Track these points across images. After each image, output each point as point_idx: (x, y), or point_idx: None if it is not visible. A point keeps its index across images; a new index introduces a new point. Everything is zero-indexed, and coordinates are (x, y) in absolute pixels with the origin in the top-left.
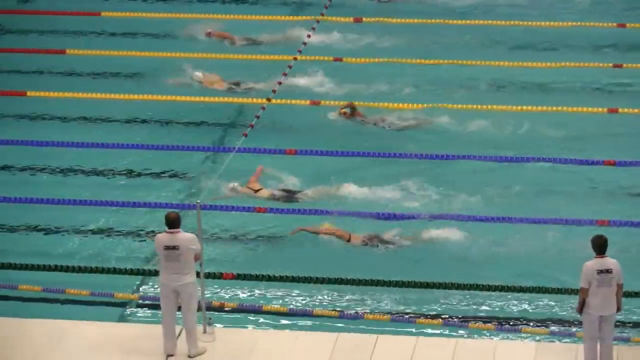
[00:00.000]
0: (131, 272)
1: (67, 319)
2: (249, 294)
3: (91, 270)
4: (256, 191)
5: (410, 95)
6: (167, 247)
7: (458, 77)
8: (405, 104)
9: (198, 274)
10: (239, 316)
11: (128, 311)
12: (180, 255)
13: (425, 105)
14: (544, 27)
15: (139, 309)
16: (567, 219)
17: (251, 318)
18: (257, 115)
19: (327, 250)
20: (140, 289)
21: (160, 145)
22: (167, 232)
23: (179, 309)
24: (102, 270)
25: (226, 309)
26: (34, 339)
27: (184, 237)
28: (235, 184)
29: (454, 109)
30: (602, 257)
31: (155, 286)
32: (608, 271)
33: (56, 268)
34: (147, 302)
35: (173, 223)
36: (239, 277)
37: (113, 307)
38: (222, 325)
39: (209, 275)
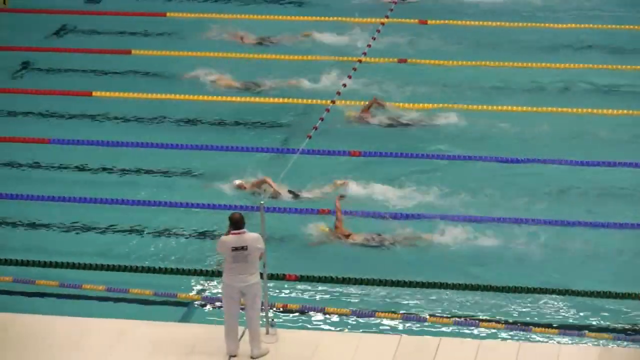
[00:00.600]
0: (194, 272)
1: (130, 319)
2: (310, 294)
3: (154, 271)
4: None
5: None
6: (235, 248)
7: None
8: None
9: (261, 275)
10: (302, 317)
11: (190, 311)
12: (248, 255)
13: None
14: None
15: (202, 309)
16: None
17: (313, 319)
18: (321, 118)
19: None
20: (203, 289)
21: (223, 146)
22: (233, 233)
23: (243, 309)
24: (165, 271)
25: (288, 310)
26: (96, 338)
27: (251, 237)
28: (241, 181)
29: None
30: None
31: (218, 286)
32: None
33: (119, 268)
34: (209, 302)
35: (238, 224)
36: (301, 278)
37: (176, 307)
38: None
39: (272, 276)
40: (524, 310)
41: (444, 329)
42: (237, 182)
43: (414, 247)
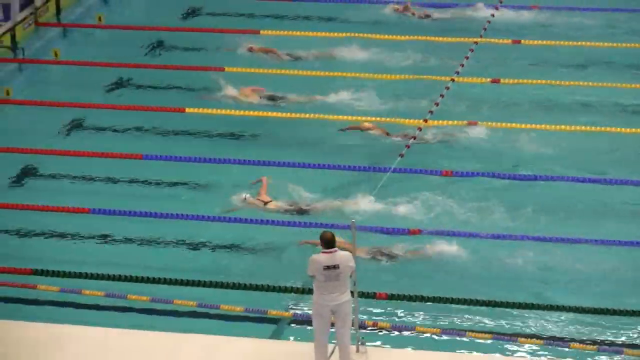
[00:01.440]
0: (285, 289)
1: (221, 335)
2: (401, 313)
3: (245, 287)
4: (265, 203)
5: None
6: (327, 267)
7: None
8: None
9: (352, 293)
10: (391, 335)
11: (281, 328)
12: (340, 274)
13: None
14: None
15: (293, 326)
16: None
17: (402, 338)
18: (414, 136)
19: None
20: (294, 306)
21: (314, 164)
22: (324, 252)
23: (333, 327)
24: (256, 287)
25: (379, 328)
26: (187, 354)
27: (342, 255)
28: (247, 195)
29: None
30: None
31: (307, 304)
32: None
33: (211, 284)
34: (300, 319)
35: (330, 242)
36: (392, 297)
37: (266, 324)
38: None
39: (362, 295)
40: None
41: (534, 347)
42: (243, 195)
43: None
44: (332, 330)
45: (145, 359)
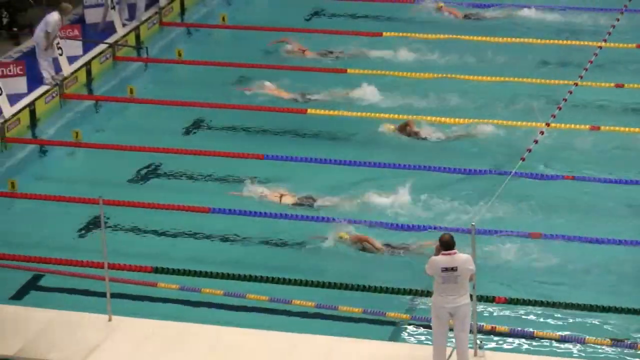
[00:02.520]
0: (403, 291)
1: (338, 336)
2: (519, 317)
3: (364, 289)
4: (281, 197)
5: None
6: (446, 269)
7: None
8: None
9: (471, 296)
10: (509, 340)
11: (399, 330)
12: (458, 276)
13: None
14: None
15: (411, 328)
16: None
17: (522, 343)
18: (535, 140)
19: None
20: (412, 308)
21: (440, 167)
22: (444, 254)
23: (451, 329)
24: (375, 289)
25: (497, 332)
26: (305, 354)
27: (462, 258)
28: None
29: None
30: None
31: (427, 306)
32: None
33: (329, 285)
34: (418, 322)
35: (449, 244)
36: (511, 301)
37: (384, 326)
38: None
39: (481, 298)
40: None
41: None
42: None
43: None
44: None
45: (261, 359)
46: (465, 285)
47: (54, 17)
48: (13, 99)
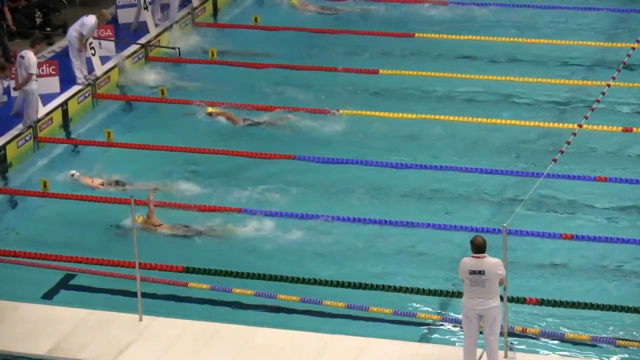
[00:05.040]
0: (434, 292)
1: (368, 336)
2: (550, 318)
3: (395, 289)
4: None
5: None
6: (473, 272)
7: None
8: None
9: (501, 298)
10: (540, 342)
11: (429, 332)
12: (486, 280)
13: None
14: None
15: (441, 329)
16: None
17: (553, 344)
18: (567, 142)
19: None
20: (443, 310)
21: (467, 167)
22: (473, 256)
23: (482, 331)
24: (406, 290)
25: (528, 334)
26: (336, 355)
27: (490, 262)
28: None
29: None
30: None
31: (458, 308)
32: None
33: (360, 286)
34: (449, 323)
35: (480, 248)
36: (542, 302)
37: (415, 327)
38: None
39: (512, 300)
40: None
41: None
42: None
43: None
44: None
45: (293, 359)
46: (494, 289)
47: (91, 21)
48: (46, 98)
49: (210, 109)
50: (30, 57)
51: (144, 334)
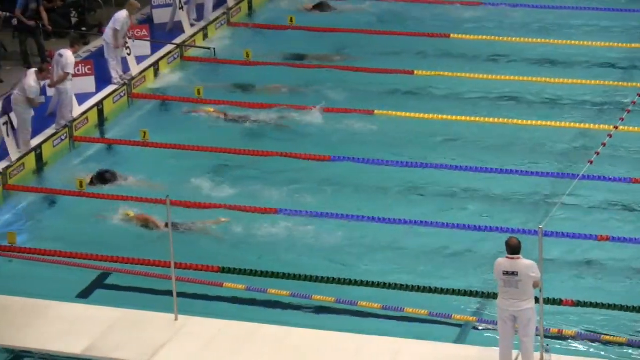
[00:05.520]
0: (470, 294)
1: (403, 337)
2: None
3: (430, 290)
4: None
5: None
6: (506, 273)
7: None
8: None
9: (537, 300)
10: (576, 344)
11: (465, 333)
12: (519, 282)
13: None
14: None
15: (477, 331)
16: None
17: (589, 346)
18: (603, 143)
19: None
20: (479, 311)
21: (503, 169)
22: (507, 257)
23: (517, 333)
24: (442, 291)
25: (564, 336)
26: (369, 355)
27: (524, 263)
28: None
29: None
30: None
31: (493, 309)
32: None
33: (395, 286)
34: (485, 325)
35: (514, 249)
36: (578, 304)
37: (451, 328)
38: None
39: (548, 301)
40: None
41: None
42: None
43: None
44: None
45: (328, 358)
46: (527, 291)
47: (122, 14)
48: (81, 98)
49: (209, 109)
50: (68, 56)
51: (180, 333)
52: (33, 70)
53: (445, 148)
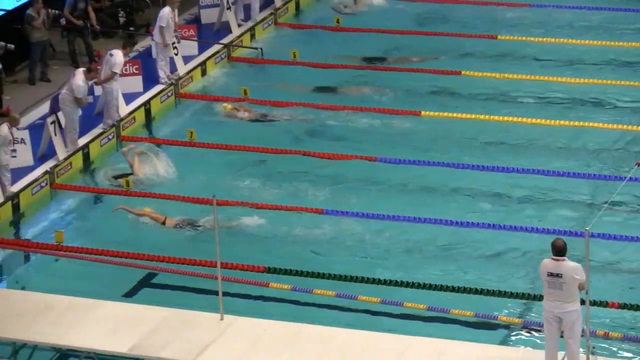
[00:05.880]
0: (515, 295)
1: (450, 339)
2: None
3: (476, 292)
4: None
5: None
6: (551, 274)
7: None
8: None
9: (583, 302)
10: (623, 346)
11: (510, 335)
12: (563, 283)
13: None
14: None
15: (522, 333)
16: None
17: (635, 349)
18: None
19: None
20: (525, 313)
21: (550, 170)
22: (552, 258)
23: (562, 335)
24: (487, 293)
25: (610, 338)
26: (413, 356)
27: (569, 265)
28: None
29: None
30: None
31: (539, 311)
32: None
33: (441, 288)
34: (530, 326)
35: (560, 250)
36: (624, 306)
37: (496, 330)
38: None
39: (594, 303)
40: None
41: None
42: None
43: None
44: None
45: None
46: (572, 293)
47: (164, 11)
48: (129, 97)
49: (226, 105)
50: (118, 56)
51: (225, 333)
52: (81, 69)
53: (493, 149)
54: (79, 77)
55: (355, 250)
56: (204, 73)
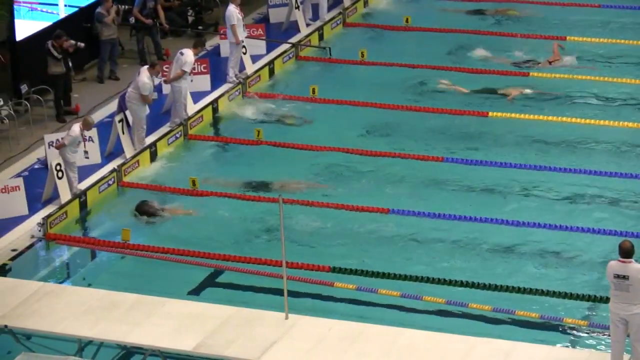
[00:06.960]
0: (582, 297)
1: (515, 340)
2: None
3: (542, 293)
4: None
5: None
6: (617, 276)
7: None
8: None
9: None
10: None
11: (576, 336)
12: (629, 285)
13: None
14: None
15: (589, 334)
16: None
17: None
18: None
19: None
20: (591, 314)
21: (618, 172)
22: (619, 260)
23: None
24: (553, 294)
25: None
26: (478, 357)
27: (635, 267)
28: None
29: None
30: None
31: (605, 313)
32: None
33: (507, 289)
34: (597, 328)
35: (627, 252)
36: None
37: (562, 332)
38: None
39: None
40: None
41: None
42: None
43: None
44: None
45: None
46: (638, 295)
47: (230, 9)
48: (197, 96)
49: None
50: (188, 55)
51: (290, 332)
52: (145, 67)
53: (559, 150)
54: (144, 74)
55: (420, 250)
56: (271, 72)
